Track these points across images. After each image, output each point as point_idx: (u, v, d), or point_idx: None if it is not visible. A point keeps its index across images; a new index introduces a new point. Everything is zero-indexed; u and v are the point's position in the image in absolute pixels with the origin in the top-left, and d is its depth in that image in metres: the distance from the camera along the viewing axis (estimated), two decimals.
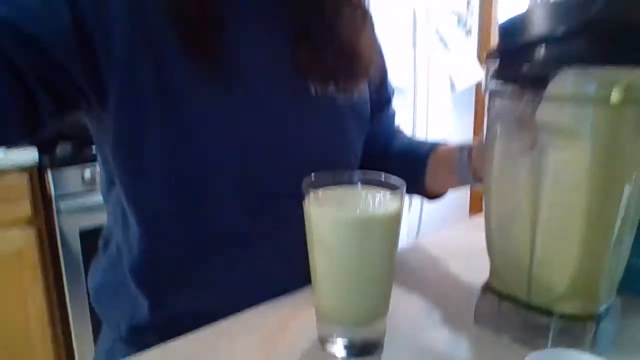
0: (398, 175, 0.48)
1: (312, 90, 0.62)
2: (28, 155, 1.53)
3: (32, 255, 1.57)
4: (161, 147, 0.55)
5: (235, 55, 0.57)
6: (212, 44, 0.54)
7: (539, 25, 0.44)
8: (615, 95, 0.38)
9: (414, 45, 2.24)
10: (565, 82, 0.40)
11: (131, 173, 0.57)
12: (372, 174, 0.49)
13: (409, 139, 0.81)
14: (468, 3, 2.49)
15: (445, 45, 2.38)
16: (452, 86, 2.42)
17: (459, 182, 0.69)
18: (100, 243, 0.70)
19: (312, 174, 0.48)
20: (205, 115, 0.56)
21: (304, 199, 0.46)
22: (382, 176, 0.49)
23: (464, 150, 0.66)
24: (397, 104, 0.84)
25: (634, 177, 0.41)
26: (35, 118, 0.52)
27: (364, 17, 0.67)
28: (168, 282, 0.61)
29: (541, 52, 0.44)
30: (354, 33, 0.65)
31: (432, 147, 0.73)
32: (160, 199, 0.57)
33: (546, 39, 0.43)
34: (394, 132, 0.82)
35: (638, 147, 0.40)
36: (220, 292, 0.61)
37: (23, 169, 1.53)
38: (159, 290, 0.61)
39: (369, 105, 0.72)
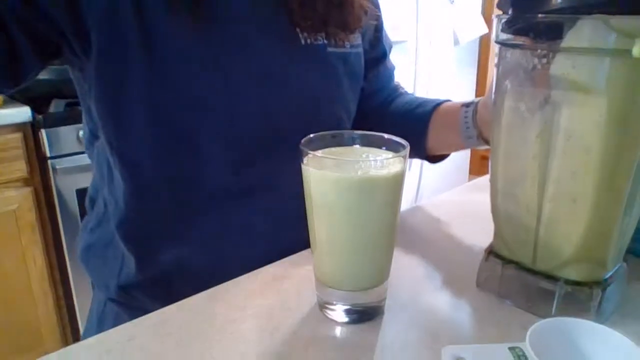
0: (398, 134, 0.45)
1: (302, 39, 0.60)
2: (22, 113, 1.50)
3: (29, 215, 1.56)
4: (145, 95, 0.53)
5: (220, 4, 0.54)
6: None
7: None
8: (636, 49, 0.35)
9: (417, 8, 2.16)
10: (582, 32, 0.37)
11: (115, 123, 0.55)
12: (374, 135, 0.47)
13: (411, 96, 0.77)
14: None
15: None
16: (456, 40, 2.35)
17: (463, 142, 0.66)
18: (87, 202, 0.69)
19: (311, 135, 0.46)
20: (189, 61, 0.53)
21: (300, 156, 0.44)
22: (385, 137, 0.46)
23: (470, 107, 0.63)
24: (398, 58, 0.79)
25: None
26: (17, 64, 0.50)
27: None
28: (155, 237, 0.60)
29: (557, 0, 0.40)
30: None
31: (435, 105, 0.70)
32: (144, 149, 0.55)
33: None
34: (393, 90, 0.78)
35: None
36: (208, 249, 0.59)
37: (17, 127, 1.50)
38: (146, 245, 0.60)
39: (362, 60, 0.69)
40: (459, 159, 2.70)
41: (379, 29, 0.74)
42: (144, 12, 0.51)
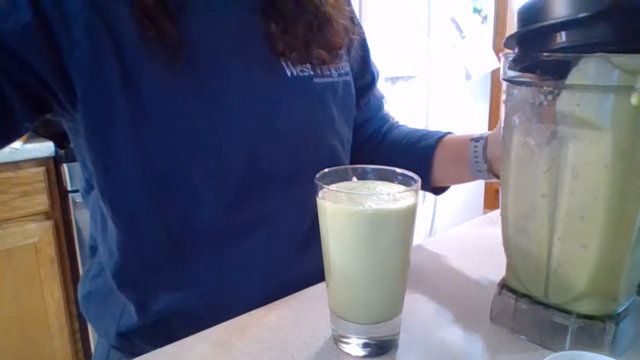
0: (401, 166, 0.46)
1: (287, 71, 0.59)
2: (45, 148, 1.54)
3: (49, 248, 1.58)
4: (132, 138, 0.53)
5: (199, 38, 0.54)
6: (169, 29, 0.52)
7: (559, 9, 0.42)
8: (635, 99, 0.36)
9: (429, 32, 2.20)
10: (587, 70, 0.38)
11: (105, 169, 0.55)
12: (386, 169, 0.48)
13: (408, 128, 0.77)
14: None
15: (461, 32, 2.34)
16: (468, 74, 2.38)
17: (471, 175, 0.66)
18: (88, 250, 0.68)
19: (326, 169, 0.47)
20: (173, 102, 0.53)
21: (315, 190, 0.45)
22: (397, 171, 0.47)
23: (480, 142, 0.64)
24: (410, 93, 0.82)
25: None
26: (8, 121, 0.51)
27: None
28: (152, 284, 0.59)
29: (562, 38, 0.42)
30: (329, 7, 0.62)
31: (439, 137, 0.70)
32: (135, 194, 0.55)
33: (567, 24, 0.41)
34: (383, 118, 0.78)
35: None
36: (207, 291, 0.58)
37: (40, 162, 1.54)
38: (143, 292, 0.59)
39: (352, 88, 0.68)
40: (474, 192, 2.69)
41: (366, 57, 0.74)
42: (124, 56, 0.51)
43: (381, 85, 0.78)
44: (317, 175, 0.46)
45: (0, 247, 1.50)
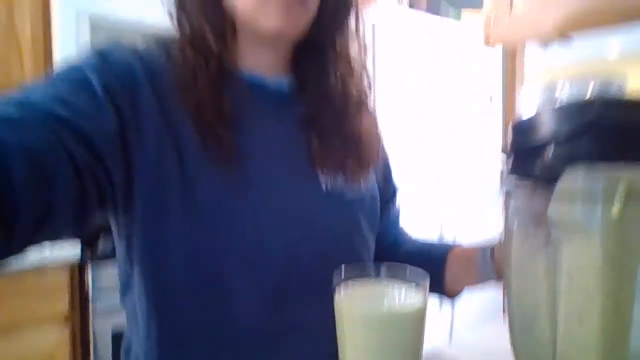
0: None
1: (323, 185, 0.65)
2: (71, 251, 1.59)
3: (64, 358, 1.56)
4: (182, 237, 0.57)
5: (250, 147, 0.60)
6: (228, 142, 0.58)
7: (548, 126, 0.46)
8: (615, 211, 0.39)
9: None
10: (572, 180, 0.42)
11: (153, 266, 0.58)
12: (397, 267, 0.51)
13: (419, 240, 0.82)
14: (490, 99, 2.57)
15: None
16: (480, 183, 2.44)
17: (481, 281, 0.69)
18: (122, 352, 0.69)
19: (342, 266, 0.50)
20: (225, 203, 0.58)
21: (332, 292, 0.48)
22: (407, 269, 0.50)
23: (487, 249, 0.67)
24: (421, 202, 0.87)
25: None
26: (84, 214, 0.52)
27: (367, 111, 0.73)
28: None
29: (551, 151, 0.46)
30: (359, 126, 0.70)
31: (448, 247, 0.75)
32: (180, 290, 0.58)
33: (554, 139, 0.45)
34: (401, 231, 0.84)
35: None
36: None
37: (65, 266, 1.58)
38: None
39: (378, 201, 0.74)
40: (492, 297, 2.63)
41: (388, 172, 0.81)
42: (185, 158, 0.57)
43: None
44: (335, 272, 0.49)
45: (15, 352, 1.49)
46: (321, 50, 0.68)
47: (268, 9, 0.59)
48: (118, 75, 0.55)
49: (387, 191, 0.81)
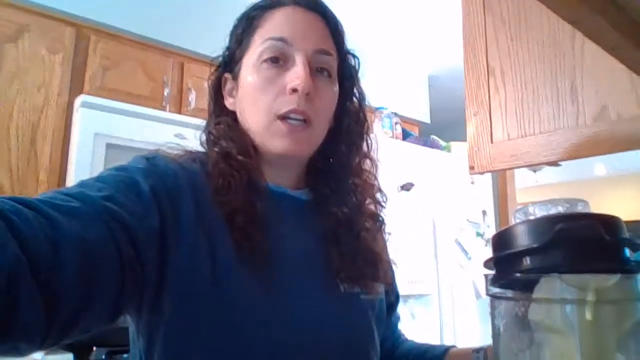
0: None
1: (341, 288, 0.70)
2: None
3: None
4: (210, 342, 0.59)
5: (278, 250, 0.65)
6: (260, 244, 0.62)
7: (521, 240, 0.54)
8: (588, 314, 0.45)
9: (436, 255, 2.36)
10: (547, 286, 0.48)
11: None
12: None
13: (414, 342, 0.87)
14: (484, 215, 2.68)
15: (466, 254, 2.49)
16: (477, 293, 2.46)
17: None
18: None
19: None
20: (253, 302, 0.61)
21: None
22: None
23: (480, 352, 0.71)
24: (423, 311, 0.93)
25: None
26: (119, 309, 0.53)
27: (382, 229, 0.80)
28: None
29: (527, 261, 0.52)
30: (376, 242, 0.76)
31: (444, 349, 0.79)
32: None
33: (528, 252, 0.52)
34: (398, 334, 0.89)
35: (618, 334, 0.45)
36: None
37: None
38: None
39: (385, 305, 0.79)
40: None
41: (393, 277, 0.86)
42: (217, 259, 0.60)
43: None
44: None
45: None
46: (338, 167, 0.75)
47: (274, 133, 0.67)
48: (163, 180, 0.60)
49: (391, 296, 0.85)
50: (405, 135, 2.75)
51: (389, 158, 2.30)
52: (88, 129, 1.94)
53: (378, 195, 0.80)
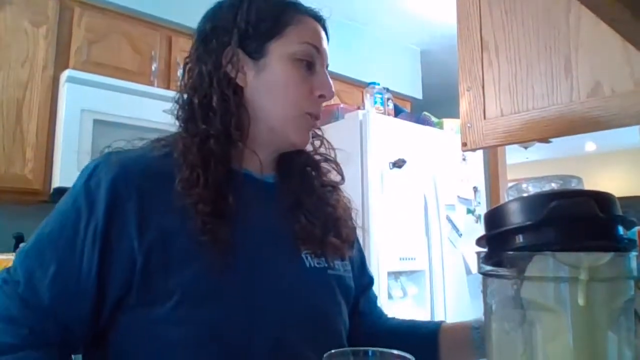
0: (405, 351, 0.53)
1: (307, 263, 0.74)
2: None
3: None
4: (175, 323, 0.63)
5: (240, 237, 0.67)
6: (224, 233, 0.65)
7: (514, 218, 0.53)
8: (581, 299, 0.45)
9: (427, 232, 2.37)
10: (539, 265, 0.48)
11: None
12: (384, 352, 0.54)
13: (404, 319, 0.88)
14: (475, 191, 2.69)
15: (457, 231, 2.51)
16: (467, 269, 2.48)
17: (479, 357, 0.74)
18: None
19: (333, 350, 0.53)
20: (218, 289, 0.65)
21: None
22: (395, 353, 0.54)
23: (480, 329, 0.72)
24: (415, 287, 0.95)
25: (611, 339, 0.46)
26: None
27: (341, 197, 0.85)
28: None
29: (519, 239, 0.52)
30: (335, 208, 0.81)
31: (438, 324, 0.80)
32: None
33: (521, 229, 0.51)
34: (379, 313, 0.91)
35: (610, 312, 0.46)
36: None
37: None
38: None
39: (352, 282, 0.83)
40: None
41: (362, 261, 0.92)
42: (174, 256, 0.64)
43: (384, 280, 0.93)
44: (325, 355, 0.52)
45: None
46: (301, 152, 0.82)
47: (300, 126, 0.76)
48: (105, 194, 0.65)
49: (364, 276, 0.90)
50: (397, 112, 2.73)
51: (381, 134, 2.29)
52: (74, 105, 1.90)
53: (333, 165, 0.86)
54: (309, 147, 0.83)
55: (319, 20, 0.80)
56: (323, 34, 0.80)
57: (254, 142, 0.76)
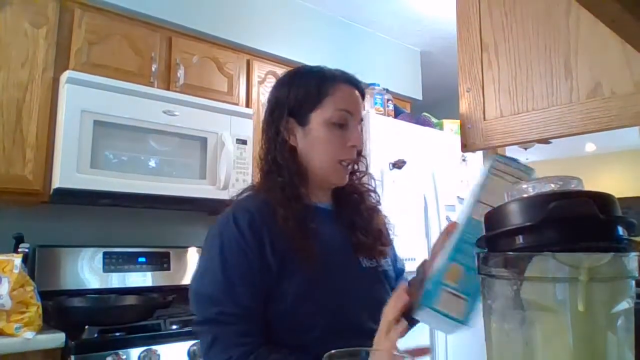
0: None
1: (363, 264, 1.05)
2: (55, 340, 1.57)
3: None
4: (289, 308, 0.93)
5: (318, 247, 0.96)
6: (311, 248, 0.94)
7: (514, 219, 0.53)
8: (581, 305, 0.45)
9: (427, 232, 2.37)
10: (539, 265, 0.48)
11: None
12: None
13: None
14: None
15: None
16: None
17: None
18: None
19: (332, 351, 0.55)
20: (306, 288, 0.94)
21: None
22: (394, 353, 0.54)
23: (420, 266, 0.93)
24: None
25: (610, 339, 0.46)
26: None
27: (380, 213, 1.16)
28: None
29: (519, 240, 0.52)
30: (378, 224, 1.12)
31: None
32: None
33: (521, 230, 0.51)
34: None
35: (610, 313, 0.46)
36: None
37: (47, 353, 1.56)
38: None
39: (394, 275, 1.13)
40: None
41: (395, 255, 1.21)
42: (282, 262, 0.94)
43: None
44: (325, 355, 0.53)
45: None
46: (347, 185, 1.09)
47: (339, 172, 1.04)
48: (250, 231, 0.94)
49: (397, 267, 1.18)
50: (397, 113, 2.73)
51: (381, 135, 2.29)
52: (75, 106, 1.90)
53: (375, 196, 1.16)
54: (353, 178, 1.10)
55: (354, 83, 1.06)
56: (357, 94, 1.06)
57: (313, 184, 1.05)
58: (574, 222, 0.49)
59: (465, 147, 0.92)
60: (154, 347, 1.71)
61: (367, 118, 2.25)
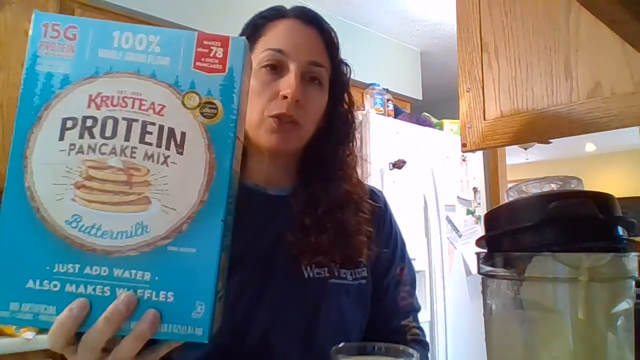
0: None
1: (305, 274, 0.75)
2: None
3: None
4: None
5: (249, 246, 0.72)
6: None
7: (515, 219, 0.53)
8: (581, 313, 0.45)
9: (427, 232, 2.37)
10: (539, 265, 0.48)
11: None
12: (390, 346, 0.56)
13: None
14: (475, 192, 2.69)
15: (457, 231, 2.51)
16: (467, 270, 2.48)
17: None
18: None
19: (341, 344, 0.55)
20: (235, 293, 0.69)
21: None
22: (401, 347, 0.55)
23: None
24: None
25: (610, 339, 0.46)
26: None
27: (357, 211, 0.81)
28: None
29: (519, 240, 0.52)
30: (348, 224, 0.78)
31: None
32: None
33: (521, 230, 0.52)
34: (403, 327, 0.85)
35: (609, 314, 0.45)
36: None
37: (47, 353, 1.56)
38: None
39: (368, 291, 0.81)
40: None
41: (388, 265, 0.88)
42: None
43: None
44: (333, 348, 0.53)
45: None
46: (325, 161, 0.81)
47: (265, 130, 0.74)
48: None
49: (389, 279, 0.87)
50: (397, 112, 2.73)
51: (381, 135, 2.29)
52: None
53: (359, 183, 0.85)
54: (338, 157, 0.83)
55: (301, 17, 0.79)
56: (303, 31, 0.78)
57: (253, 158, 0.79)
58: (574, 222, 0.49)
59: (465, 147, 0.92)
60: None
61: (367, 118, 2.25)
